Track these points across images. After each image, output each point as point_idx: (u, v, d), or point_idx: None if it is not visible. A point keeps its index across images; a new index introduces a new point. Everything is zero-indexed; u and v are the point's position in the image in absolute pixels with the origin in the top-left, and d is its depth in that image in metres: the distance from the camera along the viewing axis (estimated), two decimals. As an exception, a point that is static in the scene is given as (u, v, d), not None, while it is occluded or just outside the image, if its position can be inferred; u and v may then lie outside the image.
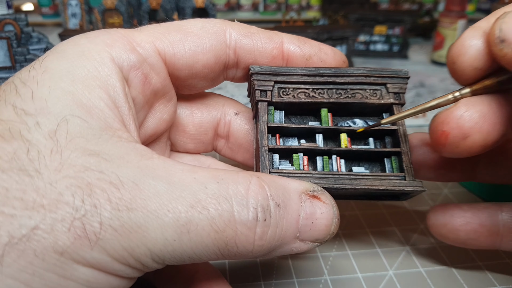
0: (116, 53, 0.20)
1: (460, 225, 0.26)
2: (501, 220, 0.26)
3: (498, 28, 0.18)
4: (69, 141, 0.16)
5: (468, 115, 0.19)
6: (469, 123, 0.19)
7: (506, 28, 0.18)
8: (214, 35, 0.23)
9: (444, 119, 0.20)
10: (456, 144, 0.20)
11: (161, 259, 0.17)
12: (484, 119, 0.19)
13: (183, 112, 0.26)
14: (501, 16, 0.19)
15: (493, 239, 0.26)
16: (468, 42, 0.20)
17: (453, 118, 0.20)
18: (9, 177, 0.15)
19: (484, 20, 0.21)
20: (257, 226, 0.18)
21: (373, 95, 0.24)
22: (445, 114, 0.20)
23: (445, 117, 0.20)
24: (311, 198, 0.20)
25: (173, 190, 0.17)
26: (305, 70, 0.24)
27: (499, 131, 0.20)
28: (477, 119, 0.19)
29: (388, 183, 0.22)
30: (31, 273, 0.14)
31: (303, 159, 0.24)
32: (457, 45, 0.21)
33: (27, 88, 0.17)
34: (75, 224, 0.15)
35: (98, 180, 0.16)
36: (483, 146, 0.20)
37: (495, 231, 0.26)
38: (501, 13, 0.20)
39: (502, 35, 0.18)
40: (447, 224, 0.26)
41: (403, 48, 0.78)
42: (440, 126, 0.20)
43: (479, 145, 0.20)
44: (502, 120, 0.20)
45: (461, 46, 0.20)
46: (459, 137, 0.20)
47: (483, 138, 0.20)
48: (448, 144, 0.20)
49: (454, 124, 0.20)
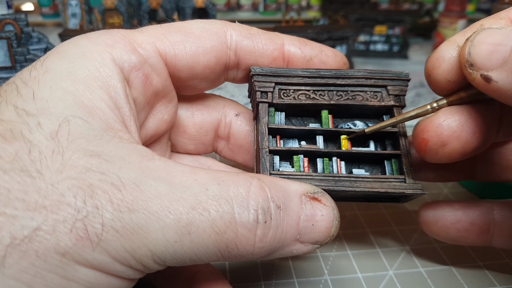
0: (117, 53, 0.20)
1: (451, 223, 0.26)
2: (492, 218, 0.26)
3: (467, 52, 0.18)
4: (70, 142, 0.16)
5: (446, 124, 0.20)
6: (447, 131, 0.20)
7: (474, 53, 0.18)
8: (215, 36, 0.23)
9: (424, 127, 0.21)
10: (435, 151, 0.20)
11: (162, 260, 0.17)
12: (462, 128, 0.20)
13: (184, 113, 0.26)
14: (471, 37, 0.19)
15: (484, 237, 0.26)
16: (443, 56, 0.20)
17: (432, 126, 0.20)
18: (10, 178, 0.15)
19: (461, 34, 0.21)
20: (257, 228, 0.18)
21: (373, 97, 0.24)
22: (425, 123, 0.21)
23: (425, 125, 0.21)
24: (311, 200, 0.20)
25: (174, 192, 0.17)
26: (306, 71, 0.24)
27: (478, 139, 0.20)
28: (455, 128, 0.20)
29: (388, 186, 0.22)
30: (33, 274, 0.14)
31: (303, 161, 0.24)
32: (432, 57, 0.21)
33: (28, 88, 0.17)
34: (77, 225, 0.15)
35: (100, 181, 0.16)
36: (463, 153, 0.20)
37: (485, 229, 0.26)
38: (478, 25, 0.20)
39: (471, 60, 0.18)
40: (437, 222, 0.27)
41: (403, 48, 0.78)
42: (420, 134, 0.21)
43: (458, 153, 0.20)
44: (481, 128, 0.20)
45: (436, 59, 0.21)
46: (438, 144, 0.20)
47: (462, 146, 0.20)
48: (428, 151, 0.21)
49: (433, 132, 0.20)
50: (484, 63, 0.18)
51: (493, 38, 0.18)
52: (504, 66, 0.17)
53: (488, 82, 0.18)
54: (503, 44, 0.17)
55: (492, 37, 0.18)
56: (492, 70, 0.18)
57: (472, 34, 0.19)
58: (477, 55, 0.18)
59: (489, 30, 0.18)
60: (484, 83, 0.18)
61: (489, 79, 0.18)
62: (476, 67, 0.18)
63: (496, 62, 0.17)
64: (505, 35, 0.18)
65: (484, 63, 0.18)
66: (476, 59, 0.18)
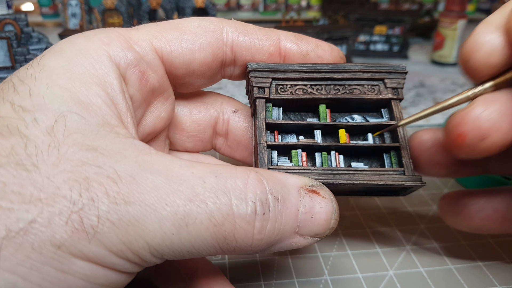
0: (113, 51, 0.20)
1: (474, 212, 0.25)
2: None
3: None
4: (66, 137, 0.16)
5: (485, 115, 0.18)
6: (487, 123, 0.18)
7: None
8: (210, 33, 0.23)
9: (461, 120, 0.19)
10: (473, 146, 0.19)
11: (159, 253, 0.17)
12: (503, 118, 0.18)
13: (182, 110, 0.26)
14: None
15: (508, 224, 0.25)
16: (482, 38, 0.19)
17: (470, 119, 0.18)
18: (6, 172, 0.15)
19: (496, 14, 0.19)
20: (256, 220, 0.18)
21: (371, 90, 0.24)
22: (461, 115, 0.19)
23: (461, 118, 0.19)
24: (310, 193, 0.20)
25: (171, 184, 0.17)
26: (302, 66, 0.24)
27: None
28: (495, 119, 0.18)
29: (387, 178, 0.22)
30: (28, 267, 0.14)
31: (301, 155, 0.24)
32: (469, 42, 0.19)
33: (25, 85, 0.17)
34: (73, 218, 0.15)
35: (96, 174, 0.16)
36: (502, 146, 0.19)
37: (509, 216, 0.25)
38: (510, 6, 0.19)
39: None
40: (460, 212, 0.25)
41: (403, 48, 0.78)
42: (456, 128, 0.19)
43: (497, 145, 0.19)
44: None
45: (475, 43, 0.19)
46: (477, 138, 0.19)
47: (502, 138, 0.18)
48: (466, 146, 0.19)
49: (471, 126, 0.18)
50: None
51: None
52: None
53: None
54: None
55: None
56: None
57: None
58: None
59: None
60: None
61: None
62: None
63: None
64: None
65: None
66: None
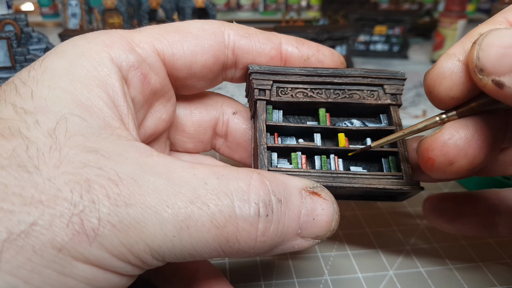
0: (115, 53, 0.20)
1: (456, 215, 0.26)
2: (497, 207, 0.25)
3: (476, 56, 0.17)
4: (68, 139, 0.16)
5: (452, 142, 0.19)
6: (453, 150, 0.19)
7: (483, 57, 0.17)
8: (212, 36, 0.23)
9: (429, 146, 0.20)
10: (443, 169, 0.19)
11: (160, 255, 0.17)
12: (469, 144, 0.19)
13: (182, 111, 0.26)
14: (478, 41, 0.17)
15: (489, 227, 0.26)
16: (443, 72, 0.19)
17: (438, 145, 0.19)
18: (8, 174, 0.15)
19: (458, 45, 0.19)
20: (259, 222, 0.17)
21: (370, 96, 0.24)
22: (430, 141, 0.20)
23: (430, 143, 0.20)
24: (311, 194, 0.20)
25: (173, 186, 0.16)
26: (303, 70, 0.24)
27: (485, 152, 0.19)
28: (461, 145, 0.19)
29: (386, 182, 0.22)
30: (29, 270, 0.14)
31: (301, 157, 0.24)
32: (432, 74, 0.20)
33: (27, 87, 0.17)
34: (74, 220, 0.15)
35: (97, 176, 0.16)
36: (471, 169, 0.19)
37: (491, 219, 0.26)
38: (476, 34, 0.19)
39: (480, 65, 0.17)
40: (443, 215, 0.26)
41: (403, 48, 0.78)
42: (425, 153, 0.20)
43: (466, 169, 0.19)
44: (488, 141, 0.19)
45: (436, 76, 0.20)
46: (444, 163, 0.19)
47: (470, 163, 0.19)
48: (435, 170, 0.20)
49: (438, 152, 0.19)
50: (495, 68, 0.17)
51: (503, 40, 0.16)
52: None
53: (500, 88, 0.17)
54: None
55: (501, 39, 0.16)
56: (504, 75, 0.16)
57: (479, 37, 0.18)
58: (487, 59, 0.17)
59: (497, 32, 0.17)
60: (496, 89, 0.17)
61: (502, 84, 0.16)
62: (486, 72, 0.17)
63: (508, 66, 0.16)
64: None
65: (495, 68, 0.17)
66: (486, 63, 0.17)
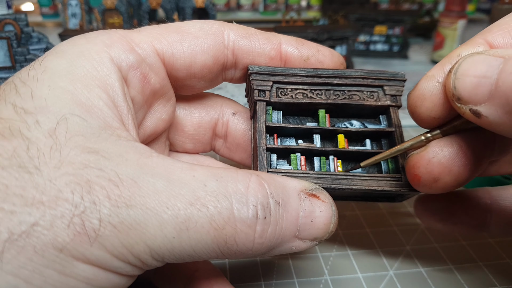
0: (115, 53, 0.20)
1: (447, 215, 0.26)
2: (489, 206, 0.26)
3: (452, 85, 0.17)
4: (68, 139, 0.16)
5: (436, 160, 0.19)
6: (438, 168, 0.19)
7: (459, 87, 0.17)
8: (212, 36, 0.23)
9: (415, 164, 0.20)
10: (429, 186, 0.20)
11: (160, 256, 0.17)
12: (453, 162, 0.19)
13: (182, 112, 0.26)
14: (454, 68, 0.17)
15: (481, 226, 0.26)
16: (423, 94, 0.20)
17: (423, 163, 0.20)
18: (8, 174, 0.15)
19: (438, 67, 0.20)
20: (257, 224, 0.18)
21: (370, 97, 0.24)
22: (416, 159, 0.20)
23: (415, 161, 0.20)
24: (310, 196, 0.20)
25: (172, 188, 0.17)
26: (303, 71, 0.24)
27: (470, 169, 0.19)
28: (445, 163, 0.19)
29: (385, 184, 0.22)
30: (31, 270, 0.14)
31: (300, 159, 0.24)
32: (413, 96, 0.20)
33: (27, 87, 0.17)
34: (75, 221, 0.15)
35: (97, 177, 0.16)
36: (456, 185, 0.20)
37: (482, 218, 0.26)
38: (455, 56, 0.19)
39: (457, 94, 0.17)
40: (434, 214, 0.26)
41: (403, 48, 0.78)
42: (412, 170, 0.20)
43: (451, 186, 0.20)
44: (473, 158, 0.19)
45: (417, 98, 0.20)
46: (430, 180, 0.20)
47: (454, 180, 0.19)
48: (422, 186, 0.20)
49: (423, 169, 0.20)
50: (471, 97, 0.17)
51: (477, 68, 0.17)
52: (491, 100, 0.16)
53: (478, 117, 0.17)
54: (487, 76, 0.16)
55: (475, 67, 0.17)
56: (480, 104, 0.16)
57: (455, 64, 0.18)
58: (463, 89, 0.17)
59: (471, 60, 0.17)
60: (474, 117, 0.17)
61: (479, 114, 0.16)
62: (463, 101, 0.17)
63: (483, 96, 0.16)
64: (488, 64, 0.16)
65: (471, 97, 0.17)
66: (462, 93, 0.17)
